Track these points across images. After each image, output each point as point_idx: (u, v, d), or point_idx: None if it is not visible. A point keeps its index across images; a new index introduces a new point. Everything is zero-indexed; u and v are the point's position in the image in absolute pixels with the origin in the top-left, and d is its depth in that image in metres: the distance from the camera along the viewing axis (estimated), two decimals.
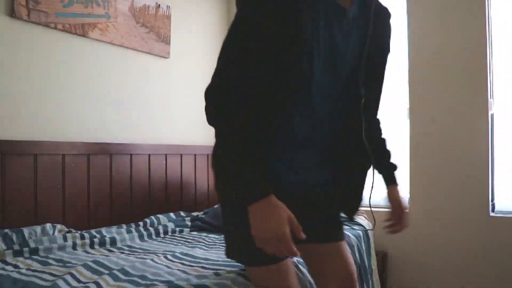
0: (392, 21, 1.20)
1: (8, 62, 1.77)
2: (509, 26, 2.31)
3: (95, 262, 1.43)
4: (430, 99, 2.42)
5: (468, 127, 2.31)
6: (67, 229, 1.77)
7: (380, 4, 1.16)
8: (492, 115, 2.33)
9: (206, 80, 1.00)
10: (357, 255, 1.97)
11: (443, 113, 2.38)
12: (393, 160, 1.36)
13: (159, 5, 2.46)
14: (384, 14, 1.17)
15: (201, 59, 2.75)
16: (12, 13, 1.76)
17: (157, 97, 2.47)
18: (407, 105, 2.51)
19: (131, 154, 2.23)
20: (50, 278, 1.28)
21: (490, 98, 2.31)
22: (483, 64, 2.27)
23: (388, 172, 1.35)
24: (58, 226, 1.76)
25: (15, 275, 1.29)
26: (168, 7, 2.52)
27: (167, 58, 2.52)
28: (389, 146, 1.36)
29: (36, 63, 1.87)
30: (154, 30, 2.43)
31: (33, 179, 1.79)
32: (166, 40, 2.50)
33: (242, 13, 0.98)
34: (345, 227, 2.15)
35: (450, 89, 2.36)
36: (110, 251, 1.67)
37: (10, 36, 1.78)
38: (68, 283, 1.23)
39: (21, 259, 1.47)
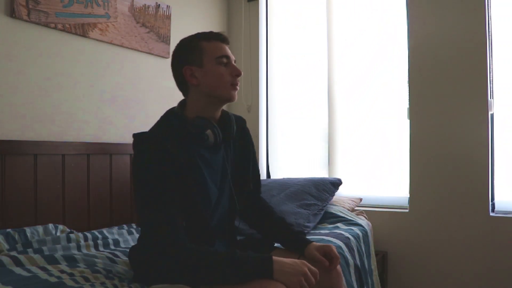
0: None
1: (8, 62, 1.77)
2: (509, 26, 2.31)
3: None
4: (430, 99, 2.42)
5: (468, 127, 2.31)
6: (69, 230, 1.77)
7: (237, 118, 1.41)
8: (492, 115, 2.33)
9: None
10: (356, 255, 1.97)
11: (443, 113, 2.38)
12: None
13: (159, 5, 2.46)
14: (240, 122, 1.43)
15: None
16: (12, 13, 1.75)
17: (157, 97, 2.47)
18: (407, 105, 2.51)
19: (131, 154, 2.22)
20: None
21: (490, 98, 2.31)
22: (483, 64, 2.27)
23: (299, 237, 1.42)
24: (60, 227, 1.75)
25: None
26: (168, 7, 2.52)
27: (167, 58, 2.52)
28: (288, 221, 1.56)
29: (36, 63, 1.87)
30: (154, 30, 2.43)
31: (33, 179, 1.78)
32: (166, 40, 2.50)
33: (140, 175, 1.17)
34: (342, 227, 2.16)
35: (450, 89, 2.36)
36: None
37: (10, 36, 1.77)
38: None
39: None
